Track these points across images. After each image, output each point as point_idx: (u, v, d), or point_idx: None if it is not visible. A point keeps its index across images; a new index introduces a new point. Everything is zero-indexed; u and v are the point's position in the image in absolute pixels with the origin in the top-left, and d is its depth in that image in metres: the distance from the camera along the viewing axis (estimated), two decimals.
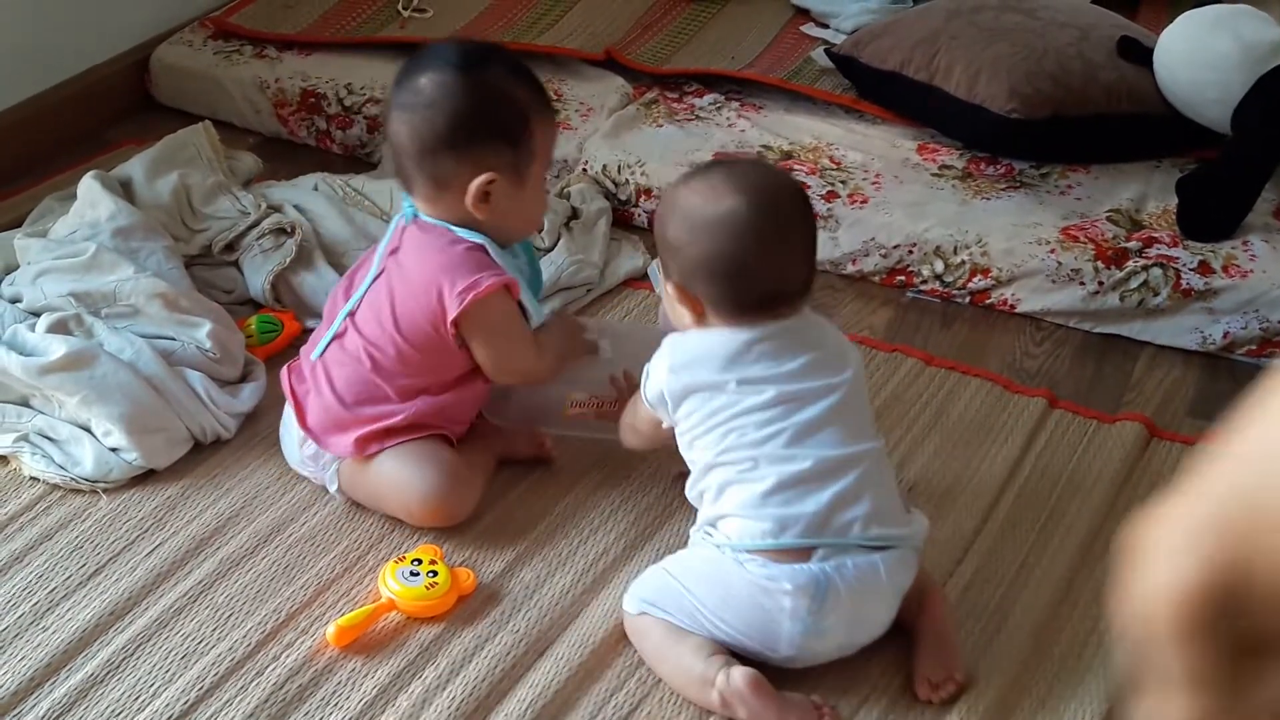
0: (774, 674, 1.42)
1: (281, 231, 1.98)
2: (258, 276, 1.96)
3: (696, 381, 1.45)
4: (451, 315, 1.55)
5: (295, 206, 2.05)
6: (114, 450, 1.68)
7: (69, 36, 2.39)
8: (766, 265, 1.43)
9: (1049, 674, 1.49)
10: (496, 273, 1.56)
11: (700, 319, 1.47)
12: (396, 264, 1.60)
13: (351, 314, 1.62)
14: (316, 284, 1.94)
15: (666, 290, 1.49)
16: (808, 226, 1.49)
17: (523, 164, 1.57)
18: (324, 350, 1.64)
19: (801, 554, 1.40)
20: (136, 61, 2.50)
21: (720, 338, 1.45)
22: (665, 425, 1.50)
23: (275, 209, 2.04)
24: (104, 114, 2.44)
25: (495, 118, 1.55)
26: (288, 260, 1.95)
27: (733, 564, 1.41)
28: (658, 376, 1.47)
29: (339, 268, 1.95)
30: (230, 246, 2.00)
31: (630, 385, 1.63)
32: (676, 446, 1.51)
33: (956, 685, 1.45)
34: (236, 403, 1.77)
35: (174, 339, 1.78)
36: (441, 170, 1.55)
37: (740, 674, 1.38)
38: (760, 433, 1.42)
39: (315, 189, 2.12)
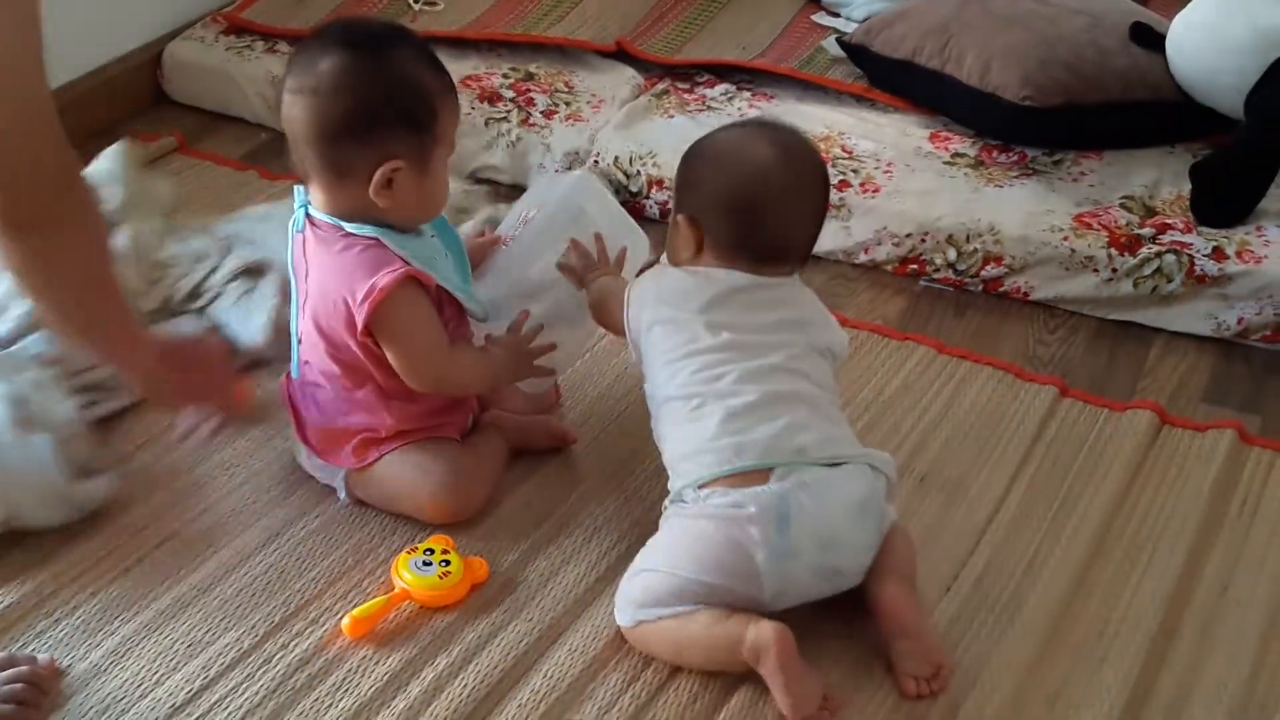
0: None
1: (250, 271, 1.85)
2: (250, 323, 1.82)
3: (669, 315, 1.51)
4: (361, 324, 1.51)
5: (249, 243, 1.90)
6: None
7: (81, 33, 2.39)
8: (778, 215, 1.51)
9: (1065, 665, 1.48)
10: (393, 269, 1.51)
11: (697, 255, 1.52)
12: (308, 288, 1.58)
13: (301, 339, 1.61)
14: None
15: (673, 226, 1.55)
16: (824, 196, 1.56)
17: (427, 150, 1.52)
18: (299, 372, 1.64)
19: (760, 477, 1.42)
20: (149, 58, 2.51)
21: (706, 279, 1.51)
22: (634, 359, 1.55)
23: (227, 247, 1.91)
24: (117, 110, 2.44)
25: (400, 104, 1.49)
26: (276, 300, 1.80)
27: (695, 511, 1.43)
28: (640, 302, 1.53)
29: None
30: (191, 294, 1.86)
31: (586, 254, 1.67)
32: None
33: (944, 677, 1.44)
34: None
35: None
36: (342, 158, 1.50)
37: (770, 625, 1.38)
38: (709, 371, 1.47)
39: (267, 218, 1.96)
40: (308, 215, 1.57)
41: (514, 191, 2.25)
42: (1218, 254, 2.01)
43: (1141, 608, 1.55)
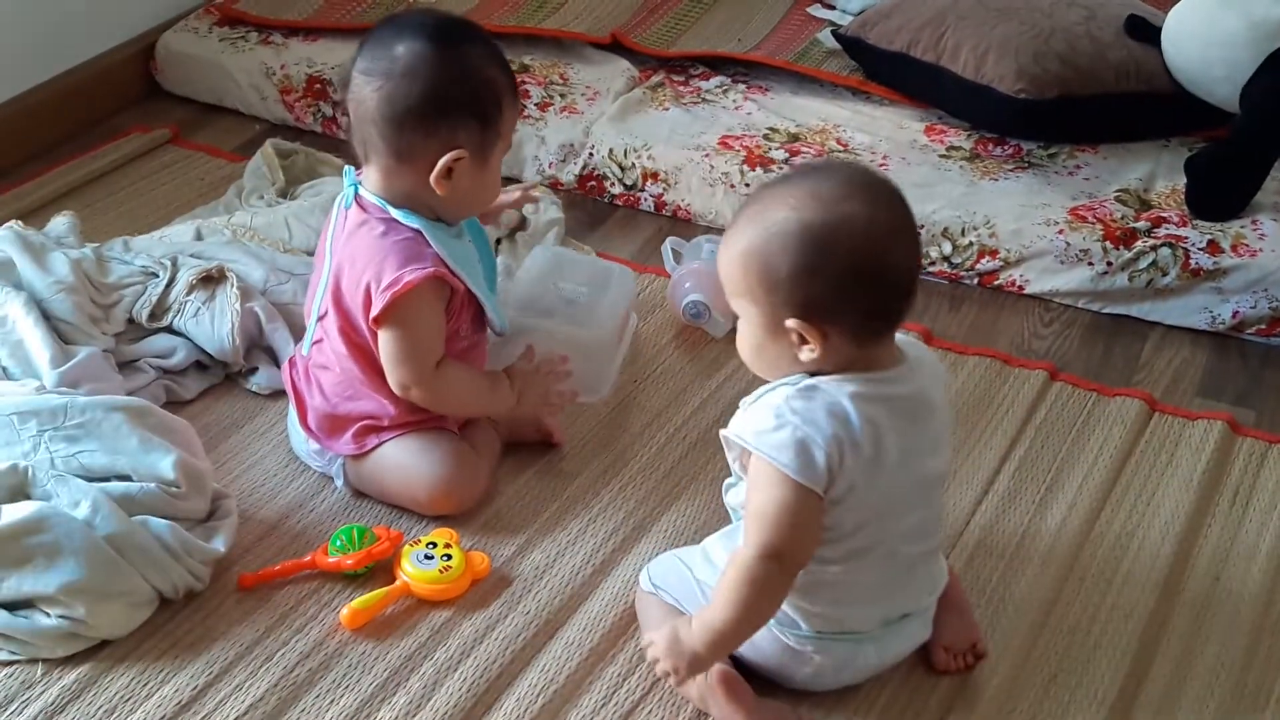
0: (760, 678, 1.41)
1: (209, 279, 1.81)
2: (215, 333, 1.77)
3: (873, 443, 1.29)
4: (376, 309, 1.52)
5: (192, 256, 1.87)
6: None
7: (75, 24, 2.39)
8: (896, 265, 1.29)
9: (1059, 650, 1.49)
10: (423, 266, 1.51)
11: (824, 357, 1.29)
12: (340, 263, 1.57)
13: (321, 317, 1.61)
14: (267, 325, 1.80)
15: (771, 334, 1.30)
16: (912, 215, 1.33)
17: (489, 144, 1.55)
18: (309, 351, 1.64)
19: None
20: (142, 49, 2.50)
21: (879, 394, 1.30)
22: (822, 498, 1.28)
23: (172, 261, 1.84)
24: (111, 102, 2.44)
25: (470, 95, 1.52)
26: (239, 305, 1.77)
27: (766, 628, 1.37)
28: (817, 439, 1.27)
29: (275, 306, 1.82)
30: (156, 312, 1.80)
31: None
32: None
33: (978, 655, 1.45)
34: (209, 548, 1.52)
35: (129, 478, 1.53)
36: (407, 142, 1.52)
37: (716, 671, 1.36)
38: (890, 523, 1.33)
39: (198, 237, 1.95)
40: (356, 195, 1.57)
41: (509, 184, 2.25)
42: (1213, 247, 2.01)
43: (1133, 596, 1.56)
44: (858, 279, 1.26)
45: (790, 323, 1.28)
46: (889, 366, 1.32)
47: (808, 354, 1.29)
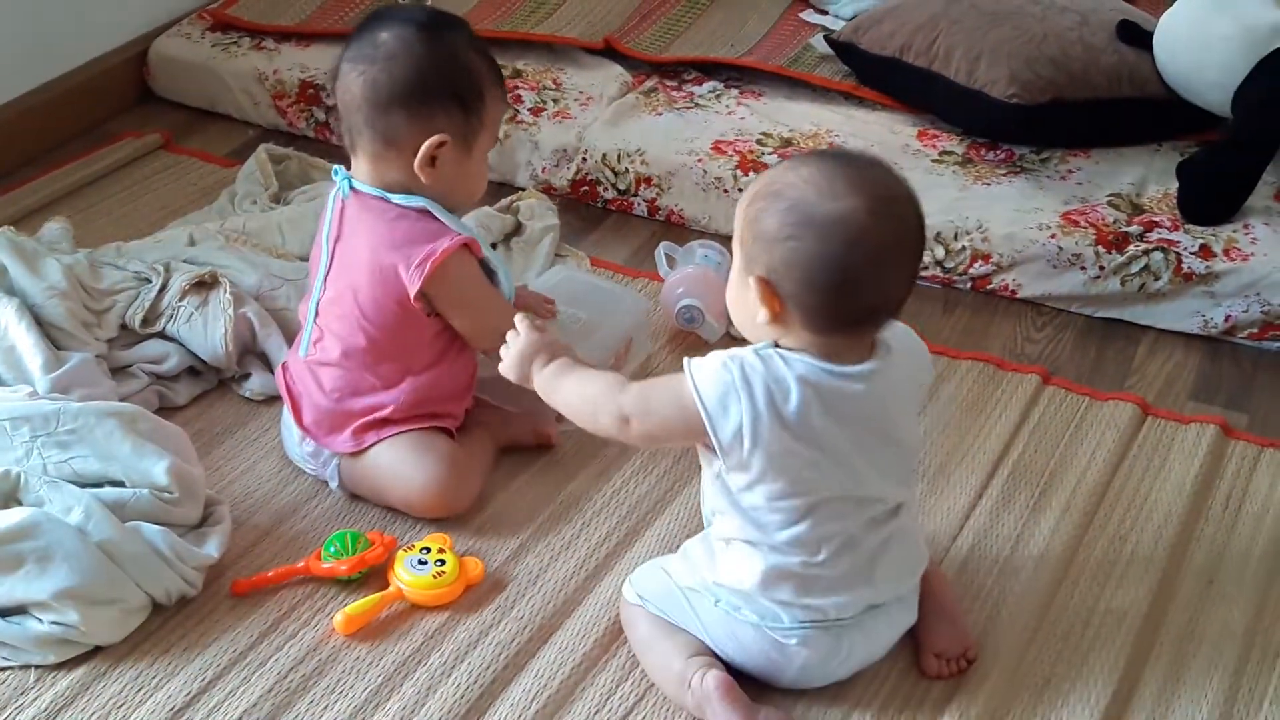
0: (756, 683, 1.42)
1: (202, 285, 1.81)
2: (209, 338, 1.78)
3: (807, 429, 1.31)
4: (414, 290, 1.54)
5: (185, 261, 1.87)
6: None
7: (68, 30, 2.39)
8: (875, 279, 1.28)
9: (1052, 654, 1.49)
10: (449, 236, 1.56)
11: (776, 322, 1.30)
12: (344, 253, 1.59)
13: (318, 314, 1.62)
14: (260, 330, 1.81)
15: (742, 284, 1.32)
16: (921, 241, 1.34)
17: (472, 132, 1.57)
18: (307, 351, 1.64)
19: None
20: (135, 54, 2.50)
21: (833, 388, 1.31)
22: (715, 469, 1.35)
23: (165, 267, 1.84)
24: (103, 107, 2.44)
25: (451, 79, 1.55)
26: (232, 310, 1.77)
27: (743, 620, 1.38)
28: (742, 400, 1.29)
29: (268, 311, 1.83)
30: (149, 317, 1.80)
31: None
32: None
33: (969, 661, 1.45)
34: (202, 553, 1.51)
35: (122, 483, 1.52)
36: (392, 126, 1.54)
37: (713, 678, 1.37)
38: (842, 516, 1.34)
39: (191, 242, 1.95)
40: (353, 186, 1.59)
41: (502, 189, 2.25)
42: (1205, 251, 2.02)
43: (1127, 599, 1.56)
44: (823, 272, 1.27)
45: (752, 279, 1.30)
46: (853, 362, 1.33)
47: (762, 317, 1.31)
